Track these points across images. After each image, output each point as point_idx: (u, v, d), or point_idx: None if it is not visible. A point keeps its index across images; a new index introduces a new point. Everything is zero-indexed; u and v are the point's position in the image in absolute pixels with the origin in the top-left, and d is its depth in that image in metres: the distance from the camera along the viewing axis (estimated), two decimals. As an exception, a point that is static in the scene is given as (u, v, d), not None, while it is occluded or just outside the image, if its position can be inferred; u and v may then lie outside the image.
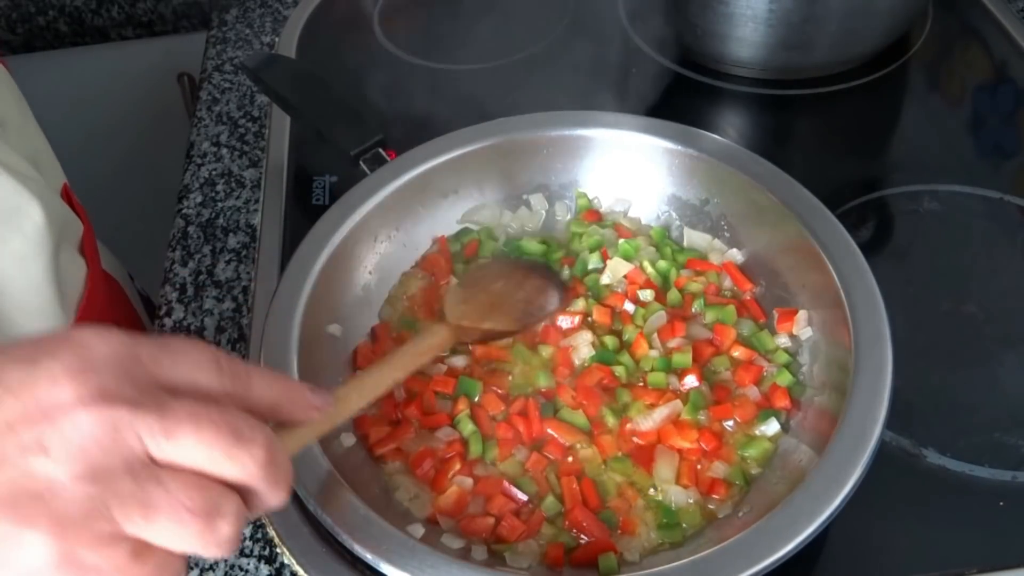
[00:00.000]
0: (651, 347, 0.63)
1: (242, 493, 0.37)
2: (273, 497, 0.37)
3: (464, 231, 0.72)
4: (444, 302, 0.61)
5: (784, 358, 0.62)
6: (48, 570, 0.33)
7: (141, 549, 0.34)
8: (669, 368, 0.61)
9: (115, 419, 0.34)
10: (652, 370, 0.61)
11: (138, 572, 0.34)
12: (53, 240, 0.65)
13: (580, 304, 0.65)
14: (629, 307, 0.65)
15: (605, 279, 0.67)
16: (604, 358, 0.62)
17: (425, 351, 0.55)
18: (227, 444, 0.35)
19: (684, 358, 0.61)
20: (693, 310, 0.65)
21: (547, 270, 0.66)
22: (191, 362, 0.38)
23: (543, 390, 0.61)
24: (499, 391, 0.61)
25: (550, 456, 0.58)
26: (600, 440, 0.58)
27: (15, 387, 0.34)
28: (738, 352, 0.62)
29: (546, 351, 0.63)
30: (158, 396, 0.35)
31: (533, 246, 0.70)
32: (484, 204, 0.72)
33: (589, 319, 0.65)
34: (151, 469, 0.34)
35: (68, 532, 0.33)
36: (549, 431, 0.59)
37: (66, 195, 0.73)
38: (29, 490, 0.33)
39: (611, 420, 0.59)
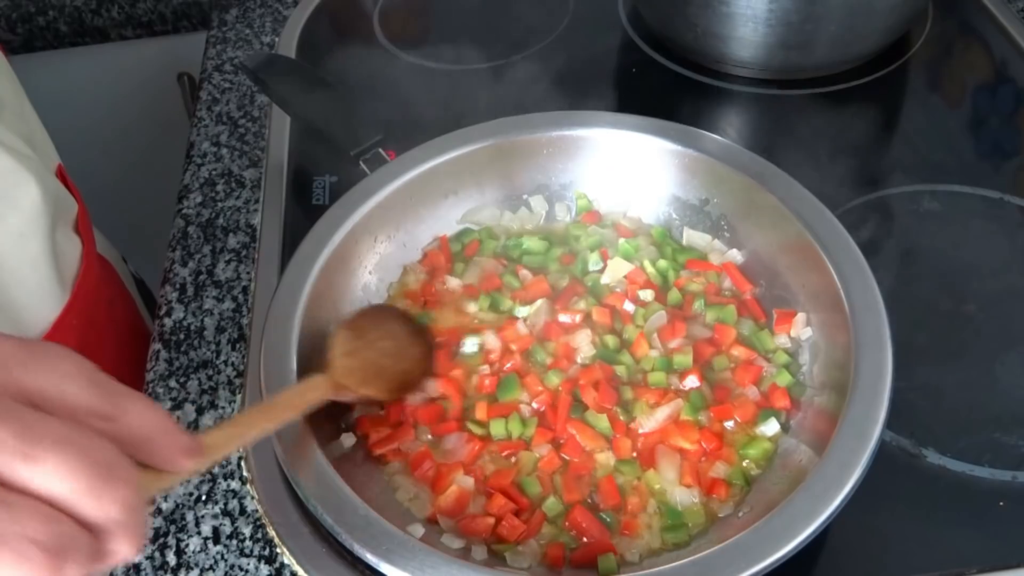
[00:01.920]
0: (651, 347, 0.63)
1: (95, 535, 0.32)
2: (125, 547, 0.33)
3: (465, 231, 0.72)
4: (331, 347, 0.58)
5: (784, 358, 0.62)
6: None
7: None
8: (670, 368, 0.62)
9: None
10: (653, 370, 0.61)
11: None
12: (49, 218, 0.65)
13: (581, 303, 0.65)
14: (629, 307, 0.65)
15: (605, 279, 0.67)
16: (605, 357, 0.62)
17: (302, 404, 0.53)
18: (92, 478, 0.31)
19: (685, 359, 0.61)
20: (694, 310, 0.65)
21: (427, 338, 0.64)
22: (62, 373, 0.34)
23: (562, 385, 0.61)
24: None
25: (566, 457, 0.58)
26: (616, 443, 0.58)
27: None
28: (738, 352, 0.63)
29: (550, 347, 0.63)
30: (19, 409, 0.31)
31: (534, 243, 0.70)
32: (484, 204, 0.72)
33: (590, 318, 0.65)
34: (1, 492, 0.31)
35: None
36: (572, 431, 0.59)
37: (60, 175, 0.73)
38: None
39: (624, 418, 0.59)
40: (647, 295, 0.66)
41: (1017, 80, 0.89)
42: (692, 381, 0.60)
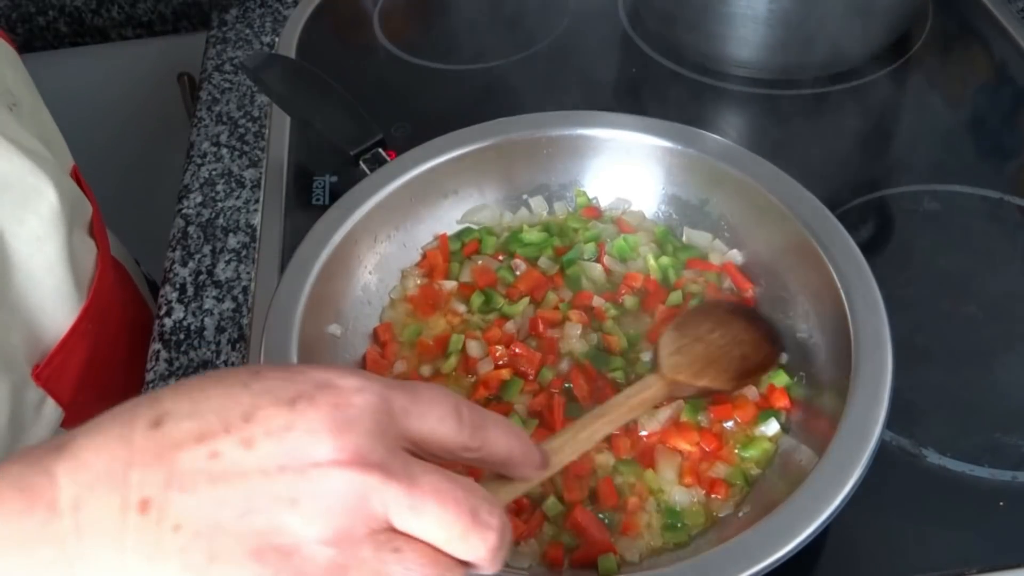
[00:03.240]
0: (641, 350, 0.63)
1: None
2: (489, 572, 0.37)
3: (465, 230, 0.72)
4: (658, 349, 0.59)
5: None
6: None
7: None
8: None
9: (366, 484, 0.34)
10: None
11: None
12: (66, 221, 0.65)
13: (552, 298, 0.66)
14: (599, 302, 0.65)
15: (591, 282, 0.67)
16: (593, 357, 0.62)
17: (638, 405, 0.55)
18: (465, 525, 0.35)
19: None
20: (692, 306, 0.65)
21: (764, 322, 0.63)
22: (436, 416, 0.37)
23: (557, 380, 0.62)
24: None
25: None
26: (617, 442, 0.58)
27: (275, 431, 0.34)
28: None
29: (533, 344, 0.63)
30: (406, 461, 0.35)
31: (534, 235, 0.70)
32: (484, 204, 0.72)
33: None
34: (391, 538, 0.34)
35: None
36: None
37: (75, 177, 0.73)
38: (276, 545, 0.33)
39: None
40: (630, 302, 0.66)
41: (1017, 80, 0.89)
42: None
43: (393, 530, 0.34)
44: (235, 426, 0.34)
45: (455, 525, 0.35)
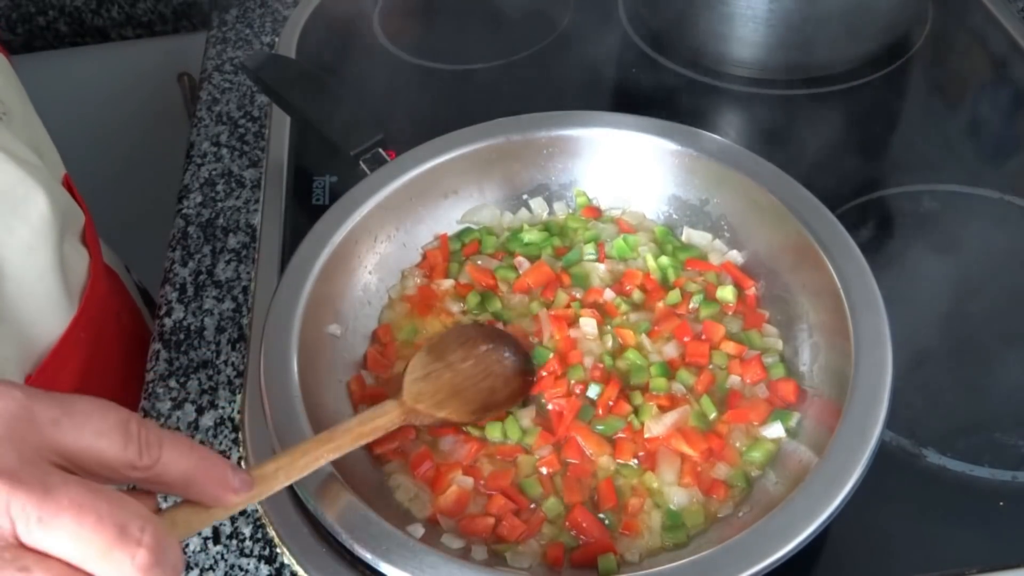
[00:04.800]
0: (646, 349, 0.63)
1: None
2: None
3: (466, 230, 0.72)
4: (406, 371, 0.57)
5: (776, 352, 0.62)
6: None
7: None
8: (669, 375, 0.62)
9: None
10: (655, 375, 0.61)
11: None
12: (57, 229, 0.65)
13: (563, 298, 0.66)
14: (609, 295, 0.66)
15: (598, 279, 0.67)
16: (610, 361, 0.62)
17: (369, 431, 0.52)
18: (107, 541, 0.32)
19: (689, 376, 0.61)
20: (692, 305, 0.65)
21: (520, 352, 0.62)
22: (95, 430, 0.34)
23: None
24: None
25: (569, 460, 0.58)
26: (621, 445, 0.58)
27: None
28: (729, 348, 0.63)
29: (551, 343, 0.64)
30: (44, 471, 0.32)
31: (534, 235, 0.70)
32: (484, 204, 0.72)
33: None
34: (19, 555, 0.31)
35: None
36: (576, 436, 0.59)
37: (67, 185, 0.73)
38: None
39: (635, 424, 0.59)
40: (637, 297, 0.66)
41: (1017, 80, 0.89)
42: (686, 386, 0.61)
43: (22, 546, 0.31)
44: None
45: (94, 541, 0.32)
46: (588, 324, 0.64)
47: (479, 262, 0.69)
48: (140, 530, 0.33)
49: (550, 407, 0.60)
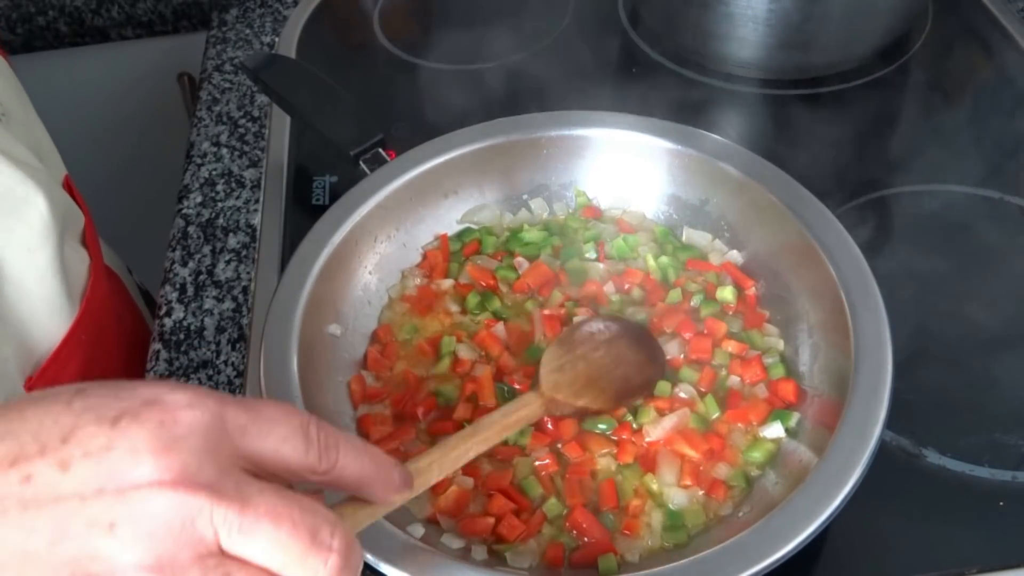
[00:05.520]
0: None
1: None
2: None
3: (466, 231, 0.72)
4: (540, 366, 0.58)
5: (776, 352, 0.62)
6: None
7: None
8: (672, 379, 0.61)
9: (192, 506, 0.32)
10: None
11: None
12: (58, 231, 0.65)
13: (557, 297, 0.66)
14: (610, 288, 0.66)
15: (598, 278, 0.67)
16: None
17: (514, 423, 0.54)
18: (303, 549, 0.33)
19: (691, 374, 0.62)
20: (692, 304, 0.65)
21: (649, 342, 0.62)
22: (279, 435, 0.35)
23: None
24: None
25: (569, 458, 0.58)
26: (622, 446, 0.58)
27: (94, 452, 0.32)
28: (731, 347, 0.63)
29: (545, 341, 0.63)
30: (240, 480, 0.34)
31: (534, 235, 0.70)
32: (484, 204, 0.72)
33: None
34: (221, 562, 0.33)
35: None
36: (571, 436, 0.59)
37: (67, 187, 0.73)
38: (89, 572, 0.31)
39: (634, 425, 0.59)
40: (637, 295, 0.66)
41: (1017, 80, 0.89)
42: (691, 390, 0.61)
43: (224, 554, 0.33)
44: (52, 448, 0.32)
45: (292, 547, 0.33)
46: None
47: (479, 262, 0.69)
48: (330, 535, 0.34)
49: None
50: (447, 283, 0.68)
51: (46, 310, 0.66)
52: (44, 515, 0.31)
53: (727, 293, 0.65)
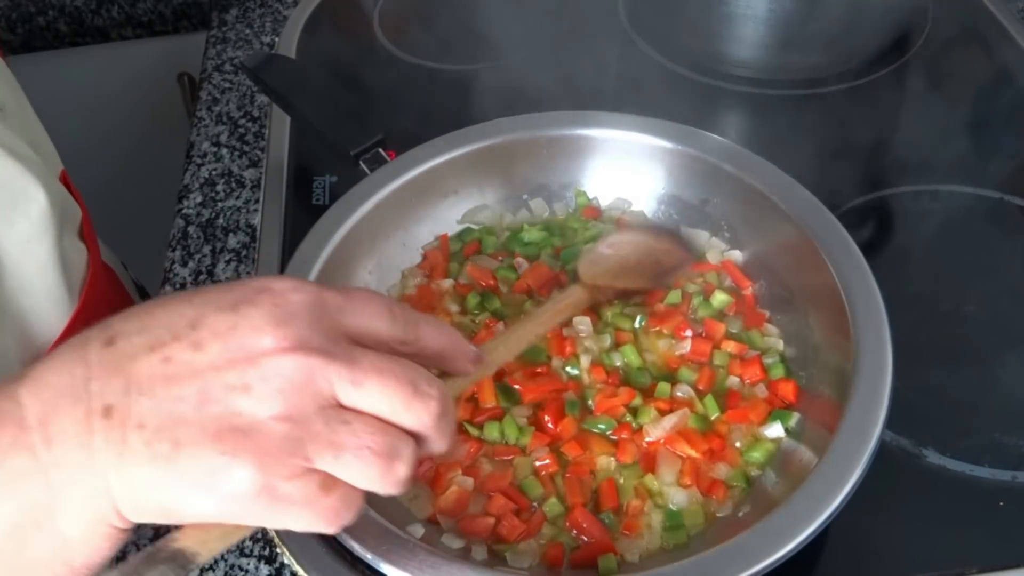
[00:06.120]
0: (644, 349, 0.63)
1: (417, 439, 0.40)
2: (439, 445, 0.40)
3: (466, 231, 0.72)
4: (578, 264, 0.63)
5: (776, 353, 0.62)
6: (249, 497, 0.36)
7: (328, 483, 0.37)
8: (671, 379, 0.62)
9: (311, 366, 0.37)
10: (657, 381, 0.61)
11: (324, 503, 0.37)
12: (57, 224, 0.65)
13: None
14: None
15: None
16: (606, 362, 0.62)
17: (563, 309, 0.58)
18: (407, 395, 0.38)
19: (690, 374, 0.62)
20: (692, 305, 0.65)
21: (675, 235, 0.68)
22: (370, 312, 0.40)
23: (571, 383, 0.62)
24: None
25: (569, 457, 0.58)
26: (622, 446, 0.58)
27: (222, 332, 0.37)
28: (730, 347, 0.63)
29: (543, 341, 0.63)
30: (347, 346, 0.38)
31: (534, 234, 0.70)
32: (484, 205, 0.72)
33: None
34: (340, 412, 0.37)
35: (268, 464, 0.36)
36: (570, 436, 0.59)
37: (64, 181, 0.73)
38: (235, 425, 0.36)
39: (634, 425, 0.59)
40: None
41: (1017, 80, 0.89)
42: (689, 391, 0.61)
43: (341, 406, 0.37)
44: (183, 334, 0.37)
45: (397, 396, 0.38)
46: (582, 323, 0.64)
47: (479, 262, 0.69)
48: (429, 385, 0.39)
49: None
50: (447, 283, 0.68)
51: (46, 302, 0.66)
52: (187, 385, 0.36)
53: (721, 299, 0.65)
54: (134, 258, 0.92)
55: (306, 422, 0.36)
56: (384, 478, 0.38)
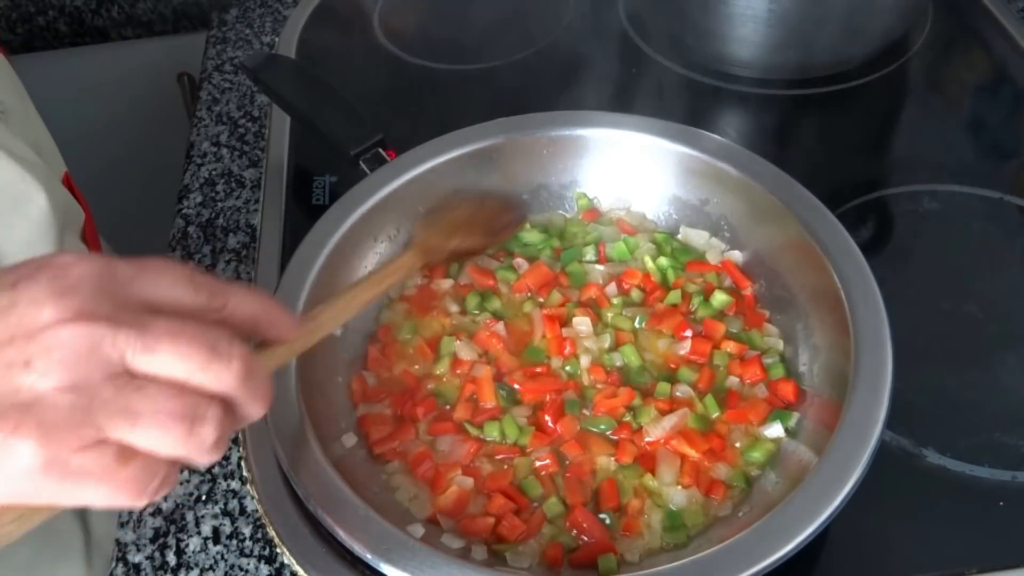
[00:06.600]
0: (644, 349, 0.63)
1: (224, 404, 0.38)
2: (253, 409, 0.39)
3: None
4: (412, 231, 0.65)
5: (776, 353, 0.62)
6: (36, 473, 0.35)
7: (126, 453, 0.36)
8: (671, 379, 0.62)
9: (94, 334, 0.36)
10: (657, 381, 0.62)
11: (124, 474, 0.36)
12: (58, 227, 0.65)
13: (556, 297, 0.66)
14: (612, 289, 0.66)
15: (600, 279, 0.67)
16: (606, 362, 0.62)
17: (393, 271, 0.58)
18: (204, 357, 0.37)
19: (690, 374, 0.62)
20: (692, 306, 0.65)
21: (506, 194, 0.70)
22: (169, 281, 0.39)
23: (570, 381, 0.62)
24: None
25: (568, 457, 0.58)
26: (622, 445, 0.58)
27: (1, 311, 0.36)
28: (730, 347, 0.63)
29: (542, 344, 0.64)
30: (137, 312, 0.37)
31: (532, 236, 0.70)
32: None
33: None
34: (132, 379, 0.36)
35: (54, 438, 0.35)
36: (569, 436, 0.59)
37: (67, 183, 0.73)
38: (16, 403, 0.35)
39: (634, 425, 0.59)
40: (636, 295, 0.66)
41: (1017, 80, 0.89)
42: (688, 391, 0.61)
43: (136, 374, 0.37)
44: None
45: (193, 357, 0.37)
46: (582, 323, 0.64)
47: (479, 262, 0.69)
48: (229, 345, 0.38)
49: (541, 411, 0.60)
50: (447, 283, 0.68)
51: None
52: None
53: (721, 299, 0.65)
54: (133, 257, 0.92)
55: (94, 391, 0.35)
56: (187, 443, 0.37)
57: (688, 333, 0.64)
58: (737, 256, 0.68)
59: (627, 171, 0.72)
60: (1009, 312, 0.69)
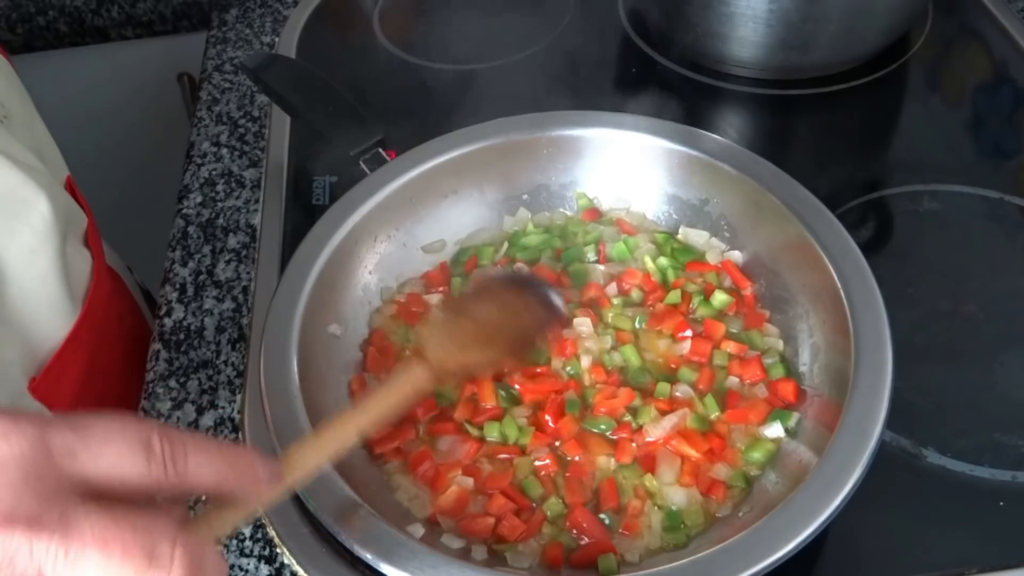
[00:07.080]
0: (643, 349, 0.63)
1: None
2: None
3: (463, 251, 0.71)
4: (422, 335, 0.55)
5: (776, 353, 0.62)
6: None
7: None
8: (671, 379, 0.62)
9: (9, 545, 0.31)
10: (657, 380, 0.62)
11: None
12: (60, 232, 0.65)
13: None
14: (613, 289, 0.66)
15: (600, 279, 0.67)
16: (607, 362, 0.62)
17: (398, 397, 0.50)
18: (140, 564, 0.32)
19: (690, 374, 0.62)
20: (692, 306, 0.65)
21: (539, 289, 0.57)
22: (115, 452, 0.34)
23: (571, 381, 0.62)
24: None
25: (568, 457, 0.58)
26: (622, 445, 0.58)
27: None
28: (730, 348, 0.63)
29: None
30: (65, 507, 0.32)
31: (533, 238, 0.70)
32: (483, 229, 0.72)
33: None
34: None
35: None
36: (570, 436, 0.59)
37: (69, 187, 0.73)
38: None
39: (634, 425, 0.59)
40: (636, 295, 0.66)
41: (1017, 80, 0.89)
42: (688, 391, 0.61)
43: None
44: None
45: (124, 570, 0.32)
46: (583, 324, 0.64)
47: (481, 270, 0.69)
48: (171, 549, 0.33)
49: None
50: (436, 296, 0.67)
51: (49, 311, 0.66)
52: None
53: (721, 299, 0.65)
54: (133, 258, 0.92)
55: None
56: None
57: (688, 333, 0.64)
58: (737, 256, 0.68)
59: (627, 171, 0.72)
60: (1009, 312, 0.69)
